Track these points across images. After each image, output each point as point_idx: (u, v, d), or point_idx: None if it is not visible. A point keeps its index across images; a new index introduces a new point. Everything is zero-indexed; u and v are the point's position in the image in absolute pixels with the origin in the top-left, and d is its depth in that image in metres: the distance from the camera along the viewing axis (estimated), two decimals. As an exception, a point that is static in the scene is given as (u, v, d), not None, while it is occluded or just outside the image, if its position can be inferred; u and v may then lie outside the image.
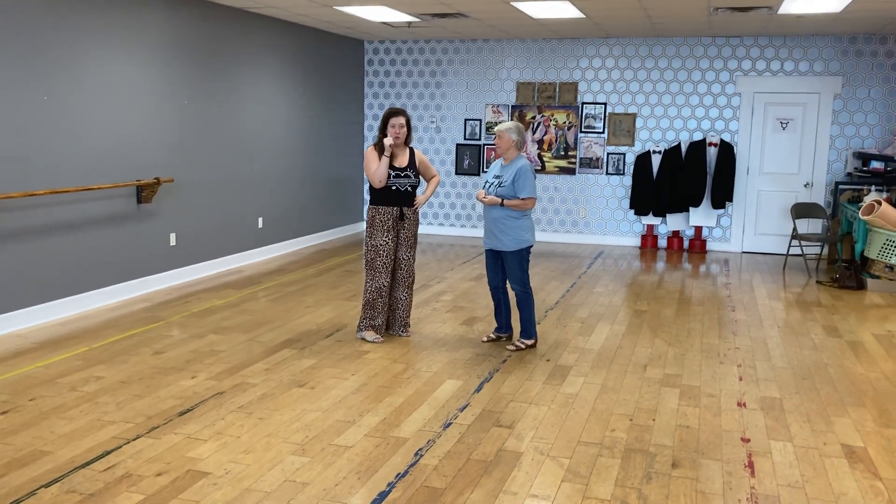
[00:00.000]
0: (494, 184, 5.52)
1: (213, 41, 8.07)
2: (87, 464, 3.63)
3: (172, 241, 7.60)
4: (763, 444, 4.03)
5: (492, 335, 5.85)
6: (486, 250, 5.70)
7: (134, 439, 3.92)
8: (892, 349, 5.83)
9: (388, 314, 5.86)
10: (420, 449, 3.88)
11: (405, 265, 5.79)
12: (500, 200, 5.44)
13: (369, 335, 5.73)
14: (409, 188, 5.70)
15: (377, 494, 3.39)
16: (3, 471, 3.54)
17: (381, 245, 5.63)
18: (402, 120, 5.62)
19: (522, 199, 5.41)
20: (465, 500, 3.35)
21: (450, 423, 4.21)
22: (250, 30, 8.69)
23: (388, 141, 5.55)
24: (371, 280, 5.69)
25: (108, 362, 5.15)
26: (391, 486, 3.47)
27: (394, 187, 5.63)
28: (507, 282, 5.68)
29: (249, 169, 8.85)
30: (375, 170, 5.58)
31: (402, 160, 5.71)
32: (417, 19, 8.90)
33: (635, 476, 3.61)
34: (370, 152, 5.67)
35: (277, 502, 3.29)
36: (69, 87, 6.25)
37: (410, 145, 5.82)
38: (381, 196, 5.64)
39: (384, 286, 5.68)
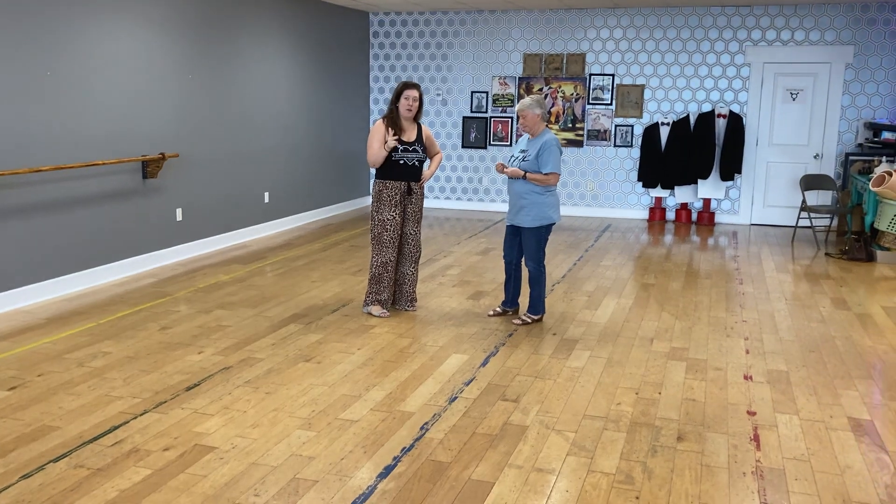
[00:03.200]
0: (519, 158, 5.48)
1: (217, 14, 8.00)
2: (95, 439, 3.65)
3: (179, 217, 7.60)
4: (769, 417, 4.02)
5: (498, 309, 5.84)
6: (507, 225, 5.67)
7: (141, 414, 3.94)
8: (900, 322, 5.80)
9: (394, 289, 5.86)
10: (426, 423, 3.89)
11: (412, 240, 5.78)
12: (522, 173, 5.39)
13: (375, 309, 5.74)
14: (416, 163, 5.66)
15: (383, 468, 3.40)
16: (11, 446, 3.57)
17: (388, 219, 5.61)
18: (415, 93, 5.57)
19: (545, 174, 5.36)
20: (470, 473, 3.36)
21: (455, 398, 4.22)
22: (254, 2, 8.61)
23: (391, 143, 5.48)
24: (377, 254, 5.68)
25: (116, 338, 5.17)
26: (397, 459, 3.48)
27: (402, 161, 5.59)
28: (523, 258, 5.65)
29: (255, 143, 8.82)
30: (376, 151, 5.54)
31: (411, 134, 5.66)
32: (422, -10, 8.79)
33: (640, 449, 3.62)
34: (378, 126, 5.61)
35: (283, 476, 3.31)
36: (72, 63, 6.21)
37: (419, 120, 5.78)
38: (388, 170, 5.60)
39: (391, 261, 5.67)
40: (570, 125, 10.76)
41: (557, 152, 5.35)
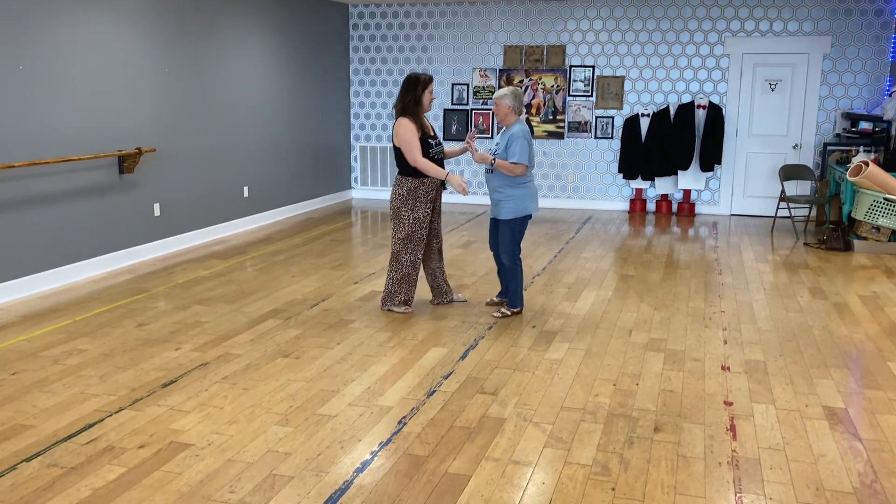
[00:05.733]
0: (493, 150, 5.51)
1: (194, 7, 7.92)
2: (69, 437, 3.62)
3: (157, 212, 7.54)
4: (745, 407, 4.04)
5: (495, 299, 5.87)
6: (490, 218, 5.71)
7: (117, 412, 3.91)
8: (876, 310, 5.85)
9: (431, 283, 5.86)
10: (404, 417, 3.88)
11: (439, 234, 5.76)
12: (490, 158, 5.40)
13: (399, 307, 5.68)
14: (442, 155, 5.60)
15: (360, 463, 3.39)
16: (-16, 446, 3.53)
17: (422, 217, 5.50)
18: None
19: (512, 163, 5.37)
20: (447, 467, 3.36)
21: (434, 391, 4.22)
22: (231, -5, 8.54)
23: (461, 185, 5.32)
24: (409, 253, 5.56)
25: (92, 335, 5.13)
26: (374, 454, 3.47)
27: (436, 157, 5.50)
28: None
29: (234, 137, 8.76)
30: (422, 158, 5.34)
31: (429, 128, 5.58)
32: (401, -18, 8.74)
33: (617, 441, 3.63)
34: (410, 125, 5.36)
35: (260, 473, 3.29)
36: (46, 56, 6.13)
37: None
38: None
39: (420, 258, 5.62)
40: (551, 117, 10.76)
41: (524, 143, 5.35)
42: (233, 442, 3.58)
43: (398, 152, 5.47)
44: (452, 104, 11.11)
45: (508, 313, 5.61)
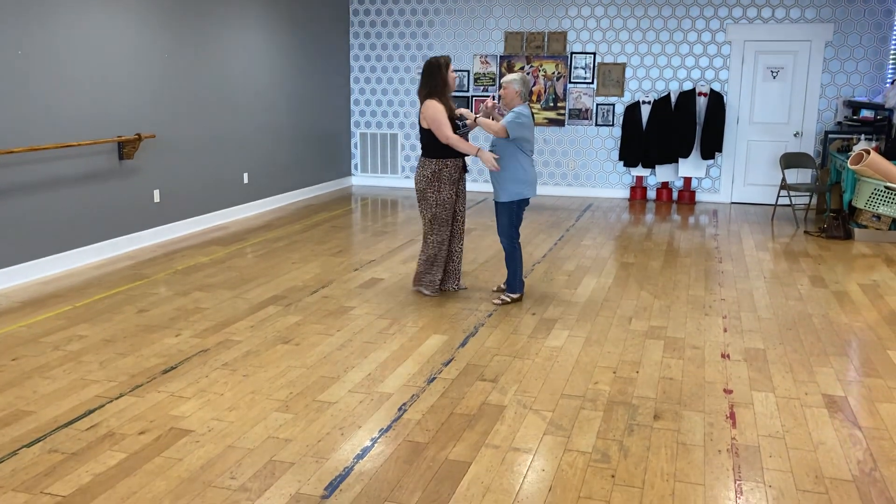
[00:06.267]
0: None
1: (193, -8, 7.88)
2: (70, 423, 3.62)
3: (157, 198, 7.52)
4: (745, 395, 4.05)
5: (502, 286, 5.89)
6: (494, 202, 5.73)
7: (117, 398, 3.91)
8: (876, 299, 5.85)
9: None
10: (404, 404, 3.88)
11: (462, 217, 5.76)
12: (473, 116, 5.51)
13: (427, 289, 5.74)
14: (467, 136, 5.64)
15: (360, 450, 3.40)
16: (-15, 431, 3.54)
17: (447, 199, 5.53)
18: None
19: (496, 122, 5.42)
20: (447, 454, 3.37)
21: (434, 378, 4.22)
22: (230, -20, 8.49)
23: (490, 161, 5.39)
24: (435, 234, 5.60)
25: (92, 321, 5.13)
26: (374, 441, 3.48)
27: (464, 136, 5.55)
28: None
29: (233, 123, 8.73)
30: (452, 134, 5.37)
31: (455, 109, 5.63)
32: (402, -32, 8.68)
33: (617, 428, 3.63)
34: (438, 105, 5.38)
35: (260, 459, 3.30)
36: (45, 41, 6.10)
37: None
38: (448, 148, 5.46)
39: (446, 239, 5.65)
40: (552, 104, 10.73)
41: (516, 119, 5.36)
42: (233, 428, 3.59)
43: (425, 133, 5.49)
44: (453, 91, 11.05)
45: (508, 300, 5.61)
